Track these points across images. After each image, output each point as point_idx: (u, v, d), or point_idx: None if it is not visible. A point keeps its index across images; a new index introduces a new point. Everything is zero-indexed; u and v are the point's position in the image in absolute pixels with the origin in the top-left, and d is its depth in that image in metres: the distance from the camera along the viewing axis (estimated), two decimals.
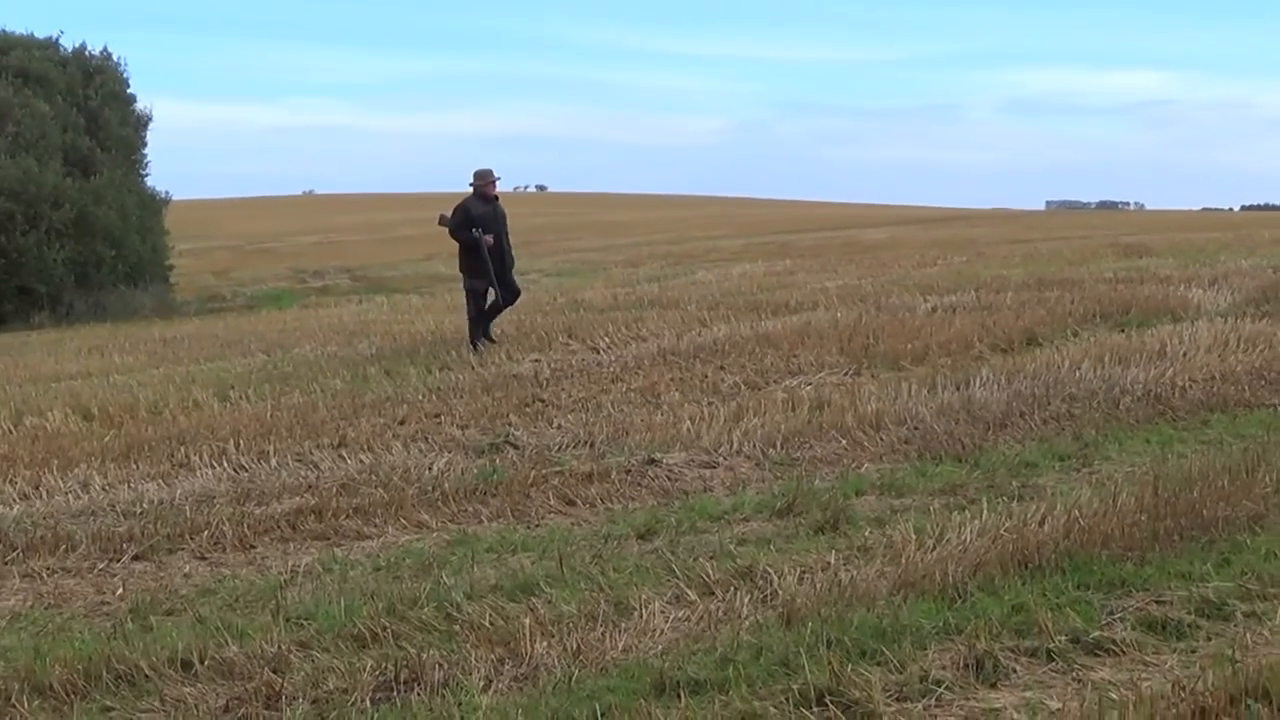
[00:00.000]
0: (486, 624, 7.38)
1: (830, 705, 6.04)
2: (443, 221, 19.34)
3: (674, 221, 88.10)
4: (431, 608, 7.76)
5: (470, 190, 19.28)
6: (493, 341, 19.06)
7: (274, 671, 6.88)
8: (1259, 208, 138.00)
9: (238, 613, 8.08)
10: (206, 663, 7.09)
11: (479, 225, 18.79)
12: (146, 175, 48.20)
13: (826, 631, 6.85)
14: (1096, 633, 6.80)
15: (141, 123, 48.13)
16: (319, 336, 24.10)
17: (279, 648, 7.20)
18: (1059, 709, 5.95)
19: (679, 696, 6.22)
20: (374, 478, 11.41)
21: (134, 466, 12.48)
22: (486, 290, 19.21)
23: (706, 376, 15.67)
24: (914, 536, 8.55)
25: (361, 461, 12.09)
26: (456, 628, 7.43)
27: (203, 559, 9.61)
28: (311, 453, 12.56)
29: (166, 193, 48.89)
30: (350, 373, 17.78)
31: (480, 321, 19.36)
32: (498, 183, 19.31)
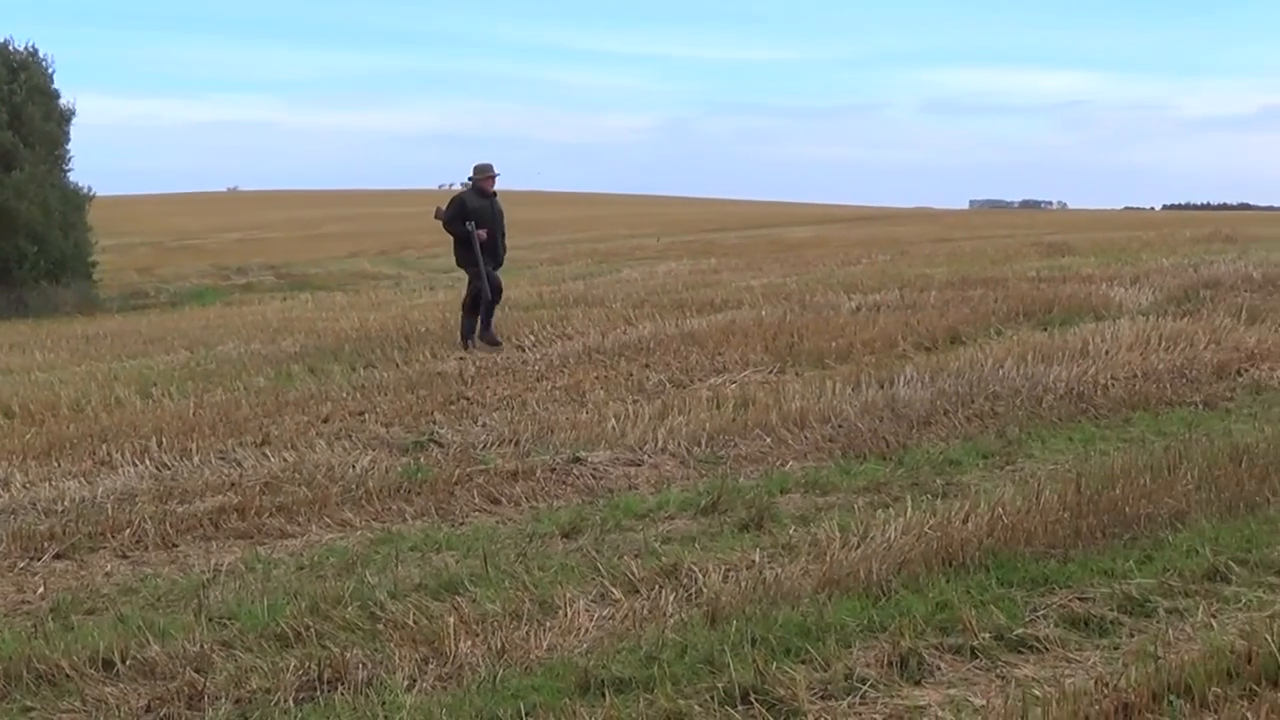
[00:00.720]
0: (410, 623, 7.35)
1: (755, 703, 6.05)
2: (438, 214, 19.35)
3: (599, 219, 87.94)
4: (355, 607, 7.73)
5: (469, 184, 19.29)
6: (498, 344, 18.75)
7: (196, 671, 6.84)
8: (1180, 207, 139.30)
9: (160, 612, 8.02)
10: (128, 662, 7.03)
11: (473, 219, 18.79)
12: (69, 170, 47.69)
13: (751, 629, 6.86)
14: (1020, 630, 6.85)
15: (65, 118, 47.60)
16: (243, 334, 23.96)
17: (201, 647, 7.15)
18: (983, 706, 5.98)
19: (604, 695, 6.21)
20: (297, 476, 11.35)
21: (55, 464, 12.36)
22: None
23: (632, 375, 15.67)
24: (838, 534, 8.58)
25: (285, 459, 12.02)
26: (380, 627, 7.40)
27: (124, 558, 9.52)
28: (234, 451, 12.48)
29: (89, 188, 48.37)
30: (274, 370, 17.68)
31: (473, 316, 19.21)
32: (497, 178, 19.25)
